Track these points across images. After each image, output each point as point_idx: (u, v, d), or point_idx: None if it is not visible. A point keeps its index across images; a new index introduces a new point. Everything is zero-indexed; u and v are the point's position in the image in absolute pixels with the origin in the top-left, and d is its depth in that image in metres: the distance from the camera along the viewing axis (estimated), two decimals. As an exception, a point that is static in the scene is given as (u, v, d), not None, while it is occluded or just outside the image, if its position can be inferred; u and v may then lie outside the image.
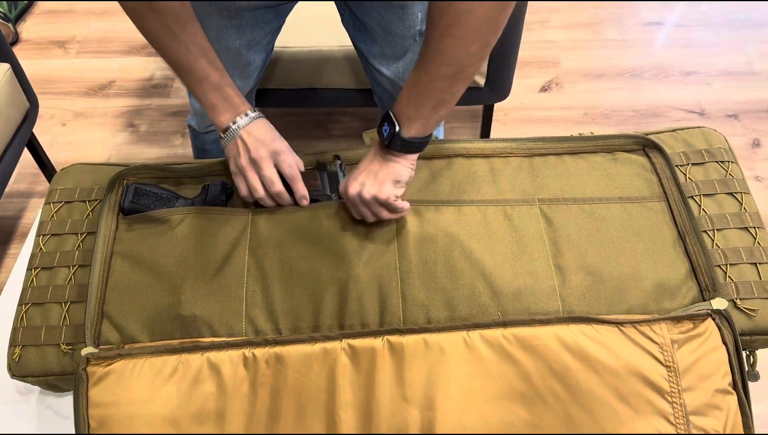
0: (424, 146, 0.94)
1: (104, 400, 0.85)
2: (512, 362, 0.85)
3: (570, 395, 0.83)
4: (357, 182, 0.94)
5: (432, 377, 0.84)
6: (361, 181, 0.94)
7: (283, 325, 0.91)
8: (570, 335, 0.85)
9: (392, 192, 0.94)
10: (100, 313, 0.93)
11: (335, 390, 0.84)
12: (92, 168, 1.10)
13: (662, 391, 0.83)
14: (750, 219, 0.99)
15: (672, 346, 0.85)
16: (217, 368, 0.85)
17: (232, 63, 1.21)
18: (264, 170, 0.97)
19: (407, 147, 0.92)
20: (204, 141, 1.47)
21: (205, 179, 1.05)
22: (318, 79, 1.67)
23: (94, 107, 2.18)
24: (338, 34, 1.34)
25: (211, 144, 1.48)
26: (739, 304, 0.92)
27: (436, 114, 0.90)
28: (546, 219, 0.99)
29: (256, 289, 0.93)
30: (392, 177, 0.94)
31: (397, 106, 0.91)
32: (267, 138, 0.99)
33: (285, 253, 0.96)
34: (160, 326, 0.91)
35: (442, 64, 0.84)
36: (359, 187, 0.94)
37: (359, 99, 1.71)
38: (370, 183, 0.93)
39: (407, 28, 1.21)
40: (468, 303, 0.91)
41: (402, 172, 0.95)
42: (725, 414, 0.85)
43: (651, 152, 1.06)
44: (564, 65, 2.27)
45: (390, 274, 0.94)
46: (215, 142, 1.48)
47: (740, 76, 2.22)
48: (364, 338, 0.86)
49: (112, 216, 1.00)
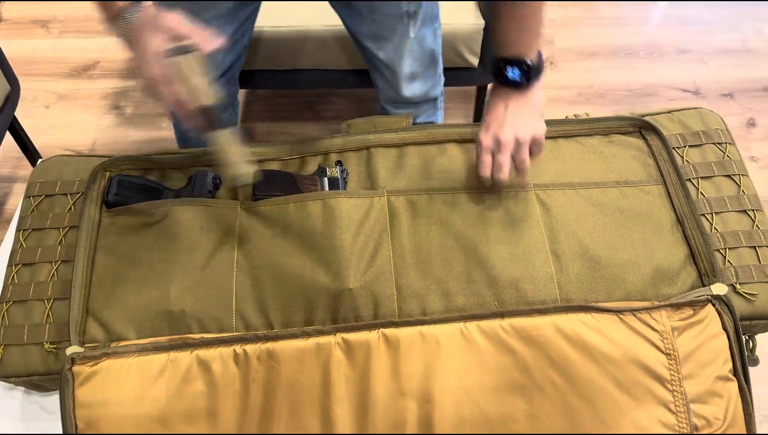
0: (543, 65, 0.97)
1: (91, 400, 0.83)
2: (510, 353, 0.83)
3: (569, 385, 0.82)
4: (507, 127, 0.93)
5: (429, 370, 0.82)
6: (512, 125, 0.93)
7: (275, 319, 0.89)
8: (569, 324, 0.84)
9: (543, 127, 0.95)
10: (85, 310, 0.90)
11: (330, 385, 0.82)
12: (73, 160, 1.07)
13: (662, 380, 0.82)
14: (748, 201, 0.98)
15: (672, 334, 0.83)
16: (207, 366, 0.83)
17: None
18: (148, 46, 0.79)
19: (539, 72, 0.95)
20: (185, 127, 1.43)
21: (191, 169, 1.02)
22: (307, 60, 1.63)
23: (78, 89, 2.13)
24: (327, 14, 1.31)
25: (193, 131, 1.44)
26: (738, 288, 0.91)
27: (541, 28, 0.94)
28: (542, 204, 0.97)
29: (246, 282, 0.91)
30: (537, 111, 0.95)
31: (507, 46, 0.94)
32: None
33: (276, 246, 0.93)
34: (148, 323, 0.88)
35: None
36: (513, 131, 0.92)
37: (350, 80, 1.68)
38: (522, 124, 0.93)
39: (392, 6, 1.18)
40: (464, 293, 0.89)
41: (539, 102, 0.96)
42: (726, 401, 0.83)
43: (648, 134, 1.04)
44: (558, 43, 2.24)
45: (384, 266, 0.91)
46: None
47: (736, 54, 2.19)
48: (358, 332, 0.84)
49: (95, 209, 0.97)
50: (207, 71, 0.81)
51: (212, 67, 1.30)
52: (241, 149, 0.87)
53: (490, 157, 0.94)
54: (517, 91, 0.94)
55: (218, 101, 0.84)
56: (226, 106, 1.45)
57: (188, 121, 0.84)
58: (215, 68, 1.30)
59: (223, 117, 1.41)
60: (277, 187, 0.99)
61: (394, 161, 1.03)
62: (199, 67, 0.80)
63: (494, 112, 0.95)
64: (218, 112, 0.85)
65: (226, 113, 1.47)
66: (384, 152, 1.04)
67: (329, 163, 1.03)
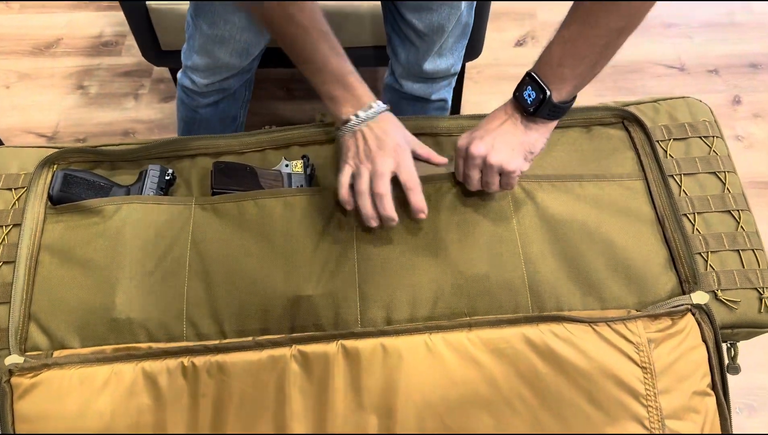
0: (568, 110, 0.86)
1: (32, 414, 0.79)
2: (477, 366, 0.79)
3: (539, 400, 0.78)
4: (484, 143, 0.85)
5: (391, 384, 0.78)
6: (491, 144, 0.85)
7: (228, 327, 0.84)
8: (539, 336, 0.79)
9: (521, 165, 0.86)
10: (27, 315, 0.85)
11: (285, 400, 0.78)
12: (19, 151, 0.99)
13: (637, 395, 0.78)
14: (733, 201, 0.93)
15: (648, 346, 0.80)
16: (154, 379, 0.78)
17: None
18: (378, 166, 0.84)
19: (555, 113, 0.84)
20: (197, 103, 1.36)
21: (143, 163, 0.96)
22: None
23: (40, 67, 2.05)
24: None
25: (206, 108, 1.38)
26: (720, 295, 0.87)
27: (592, 73, 0.83)
28: (516, 200, 0.91)
29: (198, 287, 0.85)
30: (527, 147, 0.86)
31: (544, 67, 0.83)
32: (390, 134, 0.86)
33: (232, 248, 0.88)
34: (92, 330, 0.83)
35: (614, 17, 0.77)
36: (487, 149, 0.85)
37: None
38: (501, 148, 0.85)
39: None
40: (432, 299, 0.85)
41: (538, 144, 0.87)
42: (703, 417, 0.80)
43: (630, 126, 0.99)
44: (540, 17, 2.17)
45: (348, 271, 0.86)
46: (211, 105, 1.37)
47: (722, 28, 2.14)
48: (316, 343, 0.79)
49: (39, 206, 0.91)
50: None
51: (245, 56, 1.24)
52: None
53: (461, 161, 0.88)
54: (522, 115, 0.85)
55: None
56: (246, 80, 1.40)
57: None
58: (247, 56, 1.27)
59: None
60: (236, 181, 0.93)
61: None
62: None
63: (488, 122, 0.88)
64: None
65: (244, 87, 1.42)
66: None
67: (294, 157, 0.97)
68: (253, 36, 1.23)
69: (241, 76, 1.32)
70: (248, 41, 1.22)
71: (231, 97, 1.38)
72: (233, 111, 1.43)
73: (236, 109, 1.43)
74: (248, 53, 1.26)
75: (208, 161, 0.96)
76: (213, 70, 1.27)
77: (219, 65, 1.26)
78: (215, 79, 1.29)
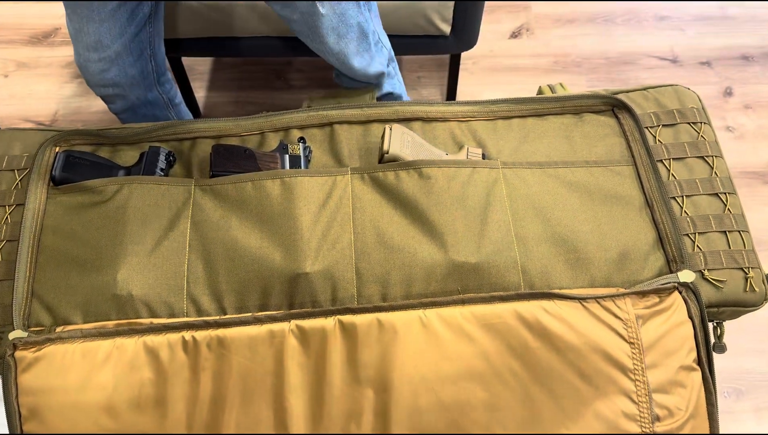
0: None
1: (35, 387, 0.80)
2: (470, 341, 0.81)
3: (529, 374, 0.80)
4: None
5: (386, 358, 0.80)
6: None
7: (228, 304, 0.86)
8: (530, 312, 0.81)
9: None
10: (30, 293, 0.86)
11: (283, 374, 0.80)
12: (22, 133, 1.01)
13: (625, 369, 0.80)
14: (720, 184, 0.95)
15: (636, 322, 0.82)
16: (155, 353, 0.80)
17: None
18: None
19: None
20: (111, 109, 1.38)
21: (144, 146, 0.97)
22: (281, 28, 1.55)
23: (39, 57, 2.05)
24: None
25: (120, 114, 1.39)
26: (707, 275, 0.89)
27: None
28: (508, 184, 0.93)
29: (199, 265, 0.87)
30: None
31: None
32: None
33: (231, 227, 0.89)
34: (95, 307, 0.85)
35: None
36: None
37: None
38: None
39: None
40: (426, 278, 0.87)
41: None
42: (689, 391, 0.82)
43: (620, 113, 1.01)
44: (535, 9, 2.18)
45: (344, 249, 0.88)
46: (125, 111, 1.38)
47: (715, 21, 2.16)
48: (313, 319, 0.81)
49: (42, 186, 0.93)
50: None
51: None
52: None
53: None
54: None
55: None
56: (148, 86, 1.39)
57: None
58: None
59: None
60: (234, 163, 0.95)
61: (359, 138, 0.99)
62: None
63: None
64: None
65: (152, 92, 1.40)
66: (348, 129, 0.99)
67: (291, 140, 0.99)
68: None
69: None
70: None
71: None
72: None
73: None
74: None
75: (207, 144, 0.98)
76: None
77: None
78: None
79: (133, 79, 1.30)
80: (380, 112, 1.00)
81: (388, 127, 0.96)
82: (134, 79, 1.30)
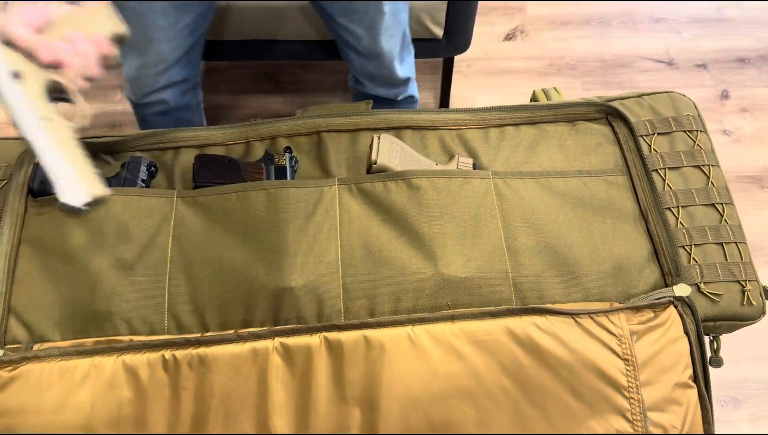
0: None
1: (11, 407, 0.77)
2: (460, 359, 0.78)
3: (521, 392, 0.78)
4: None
5: (374, 377, 0.78)
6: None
7: (210, 320, 0.83)
8: (522, 328, 0.79)
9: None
10: (7, 308, 0.84)
11: (267, 393, 0.77)
12: (2, 143, 0.98)
13: (619, 387, 0.78)
14: (717, 194, 0.93)
15: (631, 338, 0.79)
16: (134, 372, 0.77)
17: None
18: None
19: None
20: (144, 113, 1.37)
21: (124, 156, 0.95)
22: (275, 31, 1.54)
23: (25, 59, 2.02)
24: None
25: (154, 116, 1.38)
26: (703, 288, 0.87)
27: None
28: (500, 195, 0.91)
29: (180, 280, 0.85)
30: None
31: None
32: None
33: (214, 240, 0.87)
34: (73, 323, 0.82)
35: None
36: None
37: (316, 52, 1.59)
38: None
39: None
40: (415, 293, 0.84)
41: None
42: (684, 409, 0.80)
43: (614, 121, 0.99)
44: (529, 11, 2.17)
45: (331, 263, 0.86)
46: (159, 114, 1.38)
47: (711, 23, 2.14)
48: (298, 336, 0.79)
49: (20, 198, 0.90)
50: None
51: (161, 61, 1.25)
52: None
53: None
54: None
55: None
56: (187, 90, 1.38)
57: None
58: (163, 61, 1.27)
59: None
60: (218, 174, 0.92)
61: (347, 147, 0.96)
62: None
63: None
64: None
65: (188, 95, 1.40)
66: (336, 137, 0.97)
67: (277, 149, 0.96)
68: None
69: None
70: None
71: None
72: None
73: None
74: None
75: (190, 154, 0.95)
76: (136, 79, 1.30)
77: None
78: (145, 89, 1.32)
79: (177, 85, 1.34)
80: (369, 120, 0.97)
81: (376, 136, 0.94)
82: (179, 85, 1.34)
